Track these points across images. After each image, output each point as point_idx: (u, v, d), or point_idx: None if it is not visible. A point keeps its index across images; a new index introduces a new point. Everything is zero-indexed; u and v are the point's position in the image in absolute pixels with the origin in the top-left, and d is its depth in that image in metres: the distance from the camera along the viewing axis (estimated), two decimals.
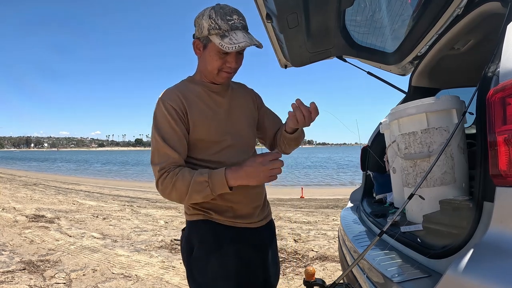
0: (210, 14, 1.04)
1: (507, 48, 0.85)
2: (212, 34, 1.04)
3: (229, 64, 1.09)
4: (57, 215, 5.67)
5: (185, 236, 1.19)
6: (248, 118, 1.25)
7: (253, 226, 1.20)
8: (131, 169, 32.62)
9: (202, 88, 1.15)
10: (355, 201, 2.40)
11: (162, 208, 7.05)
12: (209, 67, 1.10)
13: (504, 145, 0.77)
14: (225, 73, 1.11)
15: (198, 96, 1.13)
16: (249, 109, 1.27)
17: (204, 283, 1.10)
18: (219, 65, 1.08)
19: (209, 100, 1.15)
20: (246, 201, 1.16)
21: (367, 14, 2.04)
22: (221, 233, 1.13)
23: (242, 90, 1.30)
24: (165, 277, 2.92)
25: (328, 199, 8.93)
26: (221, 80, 1.14)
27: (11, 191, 9.06)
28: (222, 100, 1.17)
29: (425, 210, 1.36)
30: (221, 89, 1.18)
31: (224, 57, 1.07)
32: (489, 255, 0.74)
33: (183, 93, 1.11)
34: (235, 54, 1.08)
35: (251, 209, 1.19)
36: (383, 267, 1.12)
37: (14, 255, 3.39)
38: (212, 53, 1.07)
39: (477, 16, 1.39)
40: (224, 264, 1.10)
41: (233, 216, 1.15)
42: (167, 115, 1.06)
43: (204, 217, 1.14)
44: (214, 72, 1.10)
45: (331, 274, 2.96)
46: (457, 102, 1.41)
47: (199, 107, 1.12)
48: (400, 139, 1.55)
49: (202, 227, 1.14)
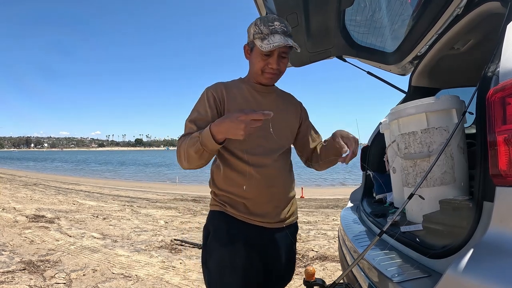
0: (256, 22, 1.19)
1: (507, 48, 0.85)
2: (256, 38, 1.17)
3: (271, 65, 1.19)
4: (57, 215, 5.66)
5: (205, 224, 1.28)
6: (286, 123, 1.30)
7: (268, 226, 1.22)
8: (131, 169, 32.61)
9: (246, 86, 1.27)
10: (355, 201, 2.40)
11: (162, 208, 7.05)
12: (254, 68, 1.22)
13: (504, 145, 0.77)
14: (268, 74, 1.21)
15: (240, 91, 1.26)
16: (289, 117, 1.32)
17: (213, 270, 1.18)
18: (262, 66, 1.20)
19: (249, 95, 1.26)
20: (259, 199, 1.19)
21: (367, 14, 2.04)
22: (233, 226, 1.19)
23: (287, 99, 1.38)
24: (165, 277, 2.92)
25: (328, 199, 8.93)
26: (265, 81, 1.24)
27: (11, 191, 9.06)
28: (261, 99, 1.27)
29: (425, 210, 1.36)
30: (264, 90, 1.28)
31: (266, 59, 1.18)
32: (489, 255, 0.74)
33: (226, 86, 1.25)
34: (276, 56, 1.18)
35: (266, 208, 1.21)
36: (383, 267, 1.12)
37: (14, 255, 3.38)
38: (255, 55, 1.20)
39: (477, 16, 1.39)
40: (232, 257, 1.16)
41: (247, 212, 1.19)
42: (205, 100, 1.20)
43: (220, 209, 1.22)
44: (258, 72, 1.21)
45: (331, 274, 2.96)
46: (457, 102, 1.41)
47: (237, 99, 1.23)
48: (400, 139, 1.55)
49: (217, 217, 1.22)
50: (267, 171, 1.19)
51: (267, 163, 1.20)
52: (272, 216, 1.22)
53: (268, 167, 1.20)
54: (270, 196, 1.21)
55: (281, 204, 1.24)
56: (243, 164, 1.18)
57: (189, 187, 13.89)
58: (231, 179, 1.20)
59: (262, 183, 1.18)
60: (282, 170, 1.25)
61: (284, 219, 1.25)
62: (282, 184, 1.24)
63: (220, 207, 1.22)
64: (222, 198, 1.22)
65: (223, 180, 1.22)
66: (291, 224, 1.30)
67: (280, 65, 1.21)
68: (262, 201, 1.20)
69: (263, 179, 1.18)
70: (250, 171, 1.17)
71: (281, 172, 1.24)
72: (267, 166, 1.19)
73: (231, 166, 1.20)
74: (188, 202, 8.27)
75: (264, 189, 1.19)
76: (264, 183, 1.18)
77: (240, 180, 1.18)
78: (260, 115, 0.96)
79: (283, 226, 1.25)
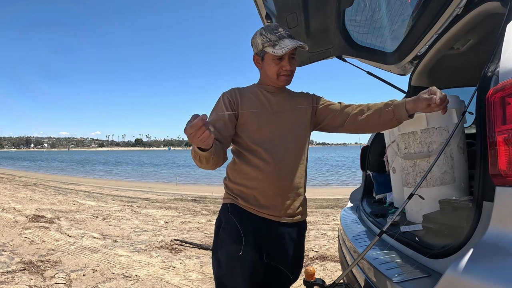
0: (261, 32, 1.28)
1: (507, 48, 0.85)
2: (266, 46, 1.26)
3: (285, 68, 1.28)
4: (57, 215, 5.66)
5: (218, 215, 1.34)
6: (301, 117, 1.35)
7: (277, 220, 1.27)
8: (132, 169, 32.61)
9: (258, 88, 1.36)
10: (355, 201, 2.40)
11: (162, 208, 7.05)
12: (269, 73, 1.30)
13: (504, 145, 0.77)
14: (283, 76, 1.29)
15: (253, 93, 1.35)
16: (302, 111, 1.36)
17: (223, 261, 1.24)
18: (277, 70, 1.28)
19: (261, 95, 1.34)
20: (269, 191, 1.25)
21: (366, 14, 2.04)
22: (244, 218, 1.25)
23: (298, 95, 1.43)
24: (165, 277, 2.92)
25: (328, 199, 8.93)
26: (281, 83, 1.32)
27: (11, 191, 9.05)
28: (272, 98, 1.34)
29: (425, 210, 1.36)
30: (275, 90, 1.35)
31: (279, 62, 1.27)
32: (489, 254, 0.74)
33: (240, 90, 1.35)
34: (288, 58, 1.27)
35: (275, 201, 1.26)
36: (383, 267, 1.12)
37: (14, 255, 3.38)
38: (269, 61, 1.28)
39: (476, 16, 1.39)
40: (242, 249, 1.20)
41: (257, 205, 1.25)
42: (222, 103, 1.29)
43: (232, 201, 1.29)
44: (274, 77, 1.29)
45: (331, 274, 2.96)
46: (456, 101, 1.41)
47: (250, 100, 1.31)
48: (399, 139, 1.55)
49: (229, 210, 1.28)
50: (278, 164, 1.24)
51: (279, 157, 1.25)
52: (280, 209, 1.26)
53: (280, 161, 1.25)
54: (279, 189, 1.25)
55: (289, 198, 1.28)
56: (255, 158, 1.25)
57: (189, 187, 13.90)
58: (244, 172, 1.27)
59: (273, 176, 1.23)
60: (293, 165, 1.29)
61: (292, 214, 1.29)
62: (292, 179, 1.28)
63: (232, 200, 1.29)
64: (235, 191, 1.29)
65: (237, 173, 1.30)
66: (300, 221, 1.34)
67: (292, 66, 1.30)
68: (271, 193, 1.25)
69: (274, 172, 1.23)
70: (262, 164, 1.23)
71: (292, 167, 1.28)
72: (279, 160, 1.25)
73: (244, 159, 1.27)
74: (188, 202, 8.27)
75: (274, 181, 1.24)
76: (274, 176, 1.24)
77: (252, 172, 1.25)
78: (198, 121, 0.90)
79: (291, 221, 1.29)
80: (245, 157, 1.27)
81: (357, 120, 1.30)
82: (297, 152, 1.30)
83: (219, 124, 1.24)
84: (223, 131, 1.23)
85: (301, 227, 1.36)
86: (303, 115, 1.35)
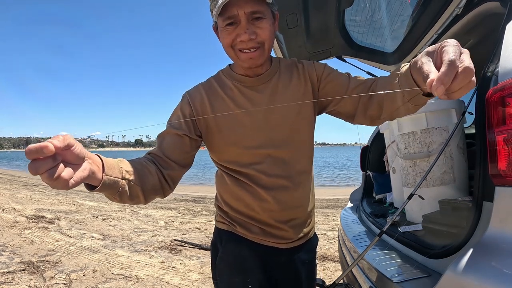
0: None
1: (506, 48, 0.85)
2: (212, 10, 0.87)
3: (241, 38, 0.84)
4: (57, 215, 5.66)
5: (212, 239, 1.08)
6: (295, 116, 0.96)
7: (286, 247, 1.01)
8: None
9: (233, 83, 0.94)
10: (355, 201, 2.40)
11: (162, 208, 7.05)
12: (225, 49, 0.90)
13: (504, 145, 0.77)
14: (242, 52, 0.86)
15: (228, 93, 0.94)
16: (299, 105, 0.95)
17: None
18: (230, 42, 0.86)
19: (241, 98, 0.93)
20: (273, 222, 0.97)
21: (366, 14, 2.04)
22: (245, 249, 0.98)
23: (292, 74, 0.98)
24: (165, 278, 2.92)
25: (328, 199, 8.92)
26: (245, 65, 0.89)
27: (11, 191, 9.06)
28: (259, 96, 0.93)
29: (424, 210, 1.36)
30: (257, 82, 0.94)
31: (231, 30, 0.84)
32: (489, 254, 0.74)
33: (209, 90, 0.95)
34: (245, 22, 0.82)
35: (282, 229, 0.99)
36: (383, 267, 1.12)
37: (14, 255, 3.38)
38: (219, 30, 0.87)
39: (476, 16, 1.39)
40: (245, 283, 0.96)
41: (261, 234, 0.99)
42: (179, 113, 0.94)
43: (229, 228, 1.01)
44: (230, 53, 0.89)
45: (331, 274, 2.96)
46: (456, 102, 1.41)
47: (224, 105, 0.93)
48: (399, 139, 1.55)
49: (225, 237, 1.01)
50: (282, 192, 0.95)
51: (281, 183, 0.95)
52: (291, 236, 1.00)
53: (283, 188, 0.95)
54: (287, 217, 0.98)
55: (299, 223, 1.01)
56: (250, 182, 0.94)
57: (189, 187, 13.88)
58: (238, 198, 0.97)
59: (275, 205, 0.95)
60: (300, 183, 0.98)
61: (303, 236, 1.04)
62: (300, 201, 1.00)
63: (228, 226, 1.01)
64: (230, 215, 1.00)
65: (230, 196, 0.99)
66: (310, 238, 1.08)
67: (256, 31, 0.83)
68: (277, 223, 0.97)
69: (276, 199, 0.94)
70: (260, 191, 0.94)
71: (300, 190, 0.98)
72: (282, 187, 0.95)
73: (236, 182, 0.96)
74: (188, 203, 8.27)
75: (277, 210, 0.95)
76: (277, 205, 0.95)
77: (248, 199, 0.95)
78: (35, 149, 0.47)
79: (303, 243, 1.04)
80: (237, 180, 0.96)
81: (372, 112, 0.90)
82: (301, 167, 0.98)
83: (166, 138, 0.89)
84: (170, 147, 0.88)
85: (312, 243, 1.11)
86: (304, 112, 0.97)
